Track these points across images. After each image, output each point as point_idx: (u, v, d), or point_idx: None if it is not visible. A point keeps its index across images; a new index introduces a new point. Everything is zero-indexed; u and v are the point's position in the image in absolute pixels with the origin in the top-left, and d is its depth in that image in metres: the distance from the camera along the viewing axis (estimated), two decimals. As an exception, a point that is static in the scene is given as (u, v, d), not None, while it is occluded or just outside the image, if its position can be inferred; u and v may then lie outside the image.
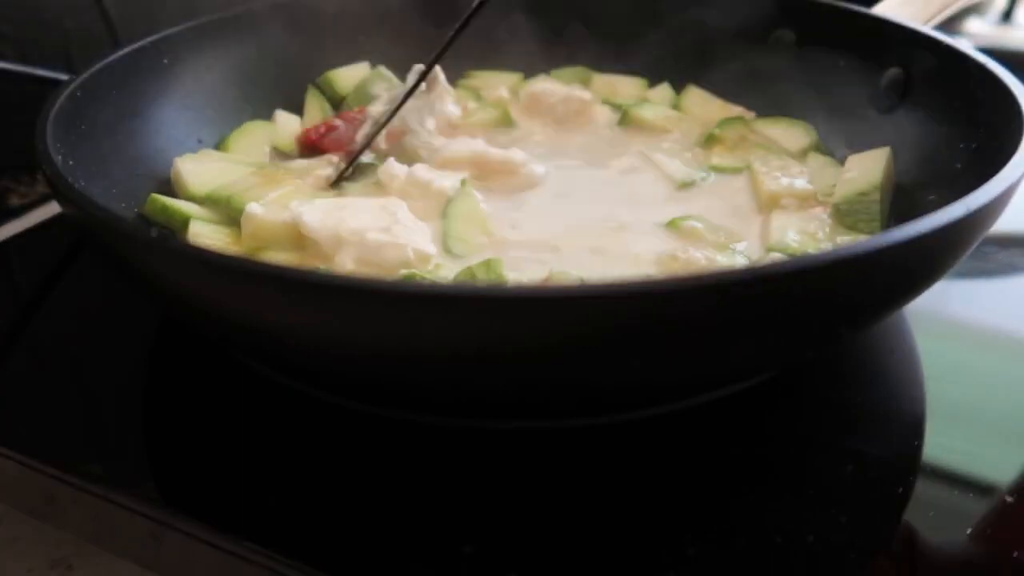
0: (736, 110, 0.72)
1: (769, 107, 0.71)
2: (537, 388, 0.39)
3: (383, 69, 0.75)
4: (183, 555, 0.41)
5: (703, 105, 0.74)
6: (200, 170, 0.60)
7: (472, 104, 0.74)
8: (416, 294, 0.34)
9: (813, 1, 0.69)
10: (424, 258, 0.52)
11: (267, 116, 0.71)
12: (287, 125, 0.70)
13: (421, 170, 0.60)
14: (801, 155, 0.66)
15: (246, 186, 0.59)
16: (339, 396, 0.44)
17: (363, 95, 0.72)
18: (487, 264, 0.51)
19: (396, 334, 0.36)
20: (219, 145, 0.67)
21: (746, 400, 0.45)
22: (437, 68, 0.67)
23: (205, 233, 0.55)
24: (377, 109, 0.68)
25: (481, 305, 0.34)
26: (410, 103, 0.65)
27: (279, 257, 0.54)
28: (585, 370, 0.37)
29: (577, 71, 0.79)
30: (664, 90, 0.76)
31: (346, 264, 0.51)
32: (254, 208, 0.55)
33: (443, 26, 0.76)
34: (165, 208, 0.56)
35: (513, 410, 0.43)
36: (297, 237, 0.54)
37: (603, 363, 0.37)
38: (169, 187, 0.60)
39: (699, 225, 0.56)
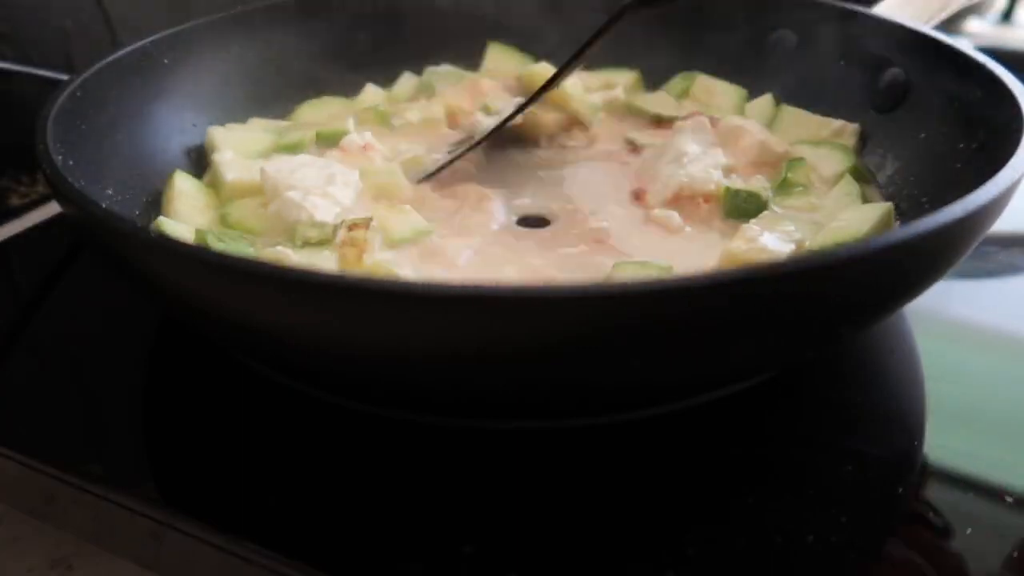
0: (835, 124, 0.64)
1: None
2: (537, 388, 0.39)
3: (448, 66, 0.75)
4: (183, 555, 0.41)
5: (801, 125, 0.66)
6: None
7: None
8: (416, 294, 0.34)
9: (813, 1, 0.69)
10: (317, 227, 0.53)
11: (268, 116, 0.71)
12: (373, 97, 0.73)
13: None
14: (834, 181, 0.59)
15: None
16: (339, 396, 0.44)
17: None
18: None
19: (396, 334, 0.36)
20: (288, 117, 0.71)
21: (746, 400, 0.45)
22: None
23: (188, 189, 0.59)
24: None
25: (481, 305, 0.34)
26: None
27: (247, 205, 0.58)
28: (585, 370, 0.37)
29: (684, 77, 0.73)
30: (764, 104, 0.69)
31: (271, 212, 0.56)
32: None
33: (442, 23, 0.77)
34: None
35: (513, 410, 0.43)
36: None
37: (603, 363, 0.37)
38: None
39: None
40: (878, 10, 0.67)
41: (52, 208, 0.73)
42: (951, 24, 0.84)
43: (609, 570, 0.37)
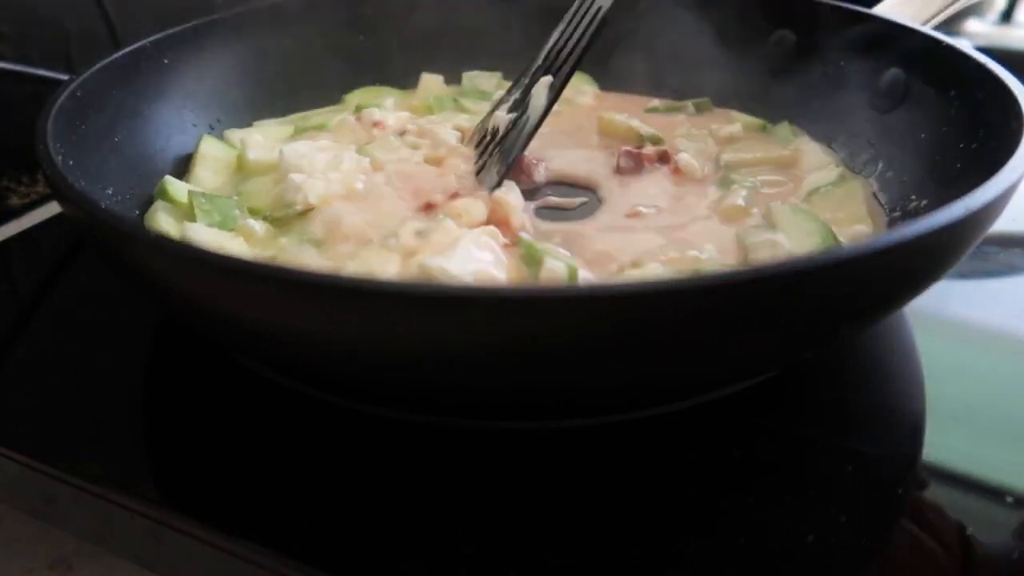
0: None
1: (771, 109, 0.71)
2: (536, 389, 0.39)
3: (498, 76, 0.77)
4: (183, 555, 0.41)
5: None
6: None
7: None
8: (418, 295, 0.34)
9: (813, 1, 0.69)
10: (308, 206, 0.56)
11: (267, 116, 0.71)
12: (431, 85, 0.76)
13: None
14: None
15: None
16: (339, 396, 0.44)
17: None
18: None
19: (396, 335, 0.36)
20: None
21: (746, 400, 0.45)
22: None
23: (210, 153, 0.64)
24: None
25: (480, 307, 0.34)
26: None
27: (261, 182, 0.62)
28: (585, 371, 0.37)
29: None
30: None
31: (277, 191, 0.59)
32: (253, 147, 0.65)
33: (439, 26, 0.77)
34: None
35: (513, 410, 0.43)
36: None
37: (602, 364, 0.37)
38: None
39: None
40: (878, 10, 0.67)
41: (52, 208, 0.73)
42: (951, 24, 0.84)
43: (608, 569, 0.37)
